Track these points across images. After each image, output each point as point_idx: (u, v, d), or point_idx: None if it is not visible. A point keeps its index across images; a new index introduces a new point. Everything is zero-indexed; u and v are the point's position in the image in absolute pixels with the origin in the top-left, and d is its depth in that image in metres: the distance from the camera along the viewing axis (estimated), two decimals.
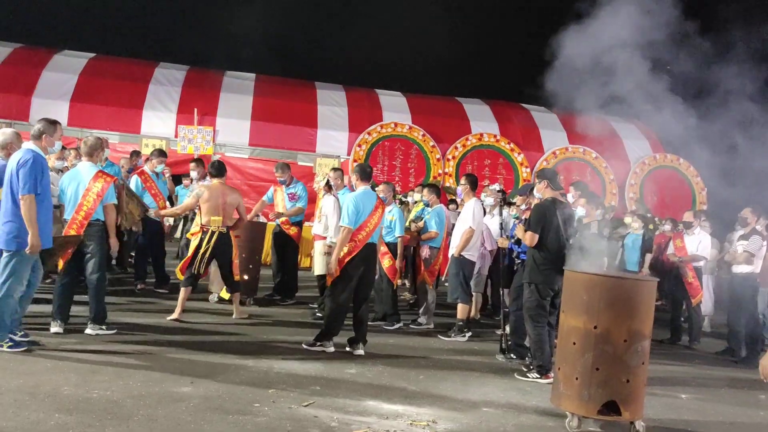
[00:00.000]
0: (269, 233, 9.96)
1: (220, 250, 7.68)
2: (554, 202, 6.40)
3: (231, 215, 7.83)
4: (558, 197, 6.51)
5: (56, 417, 4.20)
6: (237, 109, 14.72)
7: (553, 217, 6.28)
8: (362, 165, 7.26)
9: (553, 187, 6.53)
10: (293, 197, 9.44)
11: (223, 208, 7.72)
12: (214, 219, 7.65)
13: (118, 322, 6.94)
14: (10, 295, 5.58)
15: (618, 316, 4.76)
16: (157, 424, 4.24)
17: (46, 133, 5.82)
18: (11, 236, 5.58)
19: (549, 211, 6.32)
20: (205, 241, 7.59)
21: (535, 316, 6.27)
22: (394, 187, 8.92)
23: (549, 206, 6.37)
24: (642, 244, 9.65)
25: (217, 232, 7.64)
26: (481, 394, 5.67)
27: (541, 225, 6.28)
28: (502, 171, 15.49)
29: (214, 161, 8.55)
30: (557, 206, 6.37)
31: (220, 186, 7.88)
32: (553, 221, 6.27)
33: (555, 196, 6.49)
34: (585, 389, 4.78)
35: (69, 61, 14.79)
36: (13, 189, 5.58)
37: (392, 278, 8.34)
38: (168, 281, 9.38)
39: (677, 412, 5.78)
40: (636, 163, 16.24)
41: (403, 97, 16.51)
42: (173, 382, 5.15)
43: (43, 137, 5.80)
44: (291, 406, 4.86)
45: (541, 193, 6.60)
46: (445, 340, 7.86)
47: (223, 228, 7.68)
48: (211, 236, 7.62)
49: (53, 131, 5.92)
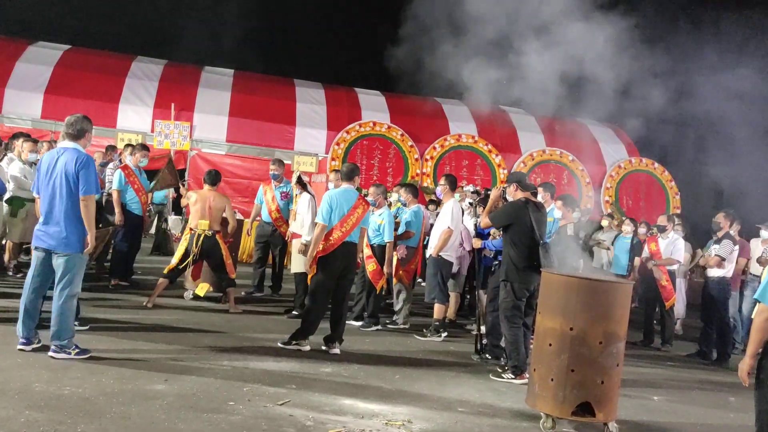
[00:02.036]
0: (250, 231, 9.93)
1: (209, 252, 8.06)
2: (527, 202, 6.46)
3: (218, 219, 8.18)
4: (530, 197, 6.57)
5: (26, 414, 4.13)
6: (215, 104, 14.62)
7: (525, 217, 6.33)
8: (349, 165, 7.16)
9: (522, 188, 6.61)
10: (285, 196, 9.39)
11: (210, 213, 8.07)
12: (201, 222, 8.03)
13: (92, 318, 6.83)
14: (73, 297, 5.47)
15: (594, 318, 4.81)
16: (130, 422, 4.18)
17: (88, 131, 5.69)
18: (74, 238, 5.43)
19: (521, 211, 6.39)
20: (194, 244, 7.96)
21: (510, 316, 6.30)
22: (386, 190, 8.74)
23: (521, 206, 6.44)
24: (631, 248, 9.73)
25: (203, 235, 7.98)
26: (456, 394, 5.69)
27: (506, 221, 6.42)
28: (480, 172, 15.56)
29: (210, 171, 8.63)
30: (529, 206, 6.42)
31: (209, 192, 8.26)
32: (525, 221, 6.33)
33: (526, 196, 6.55)
34: (560, 390, 4.81)
35: (44, 52, 14.56)
36: (65, 190, 5.40)
37: (375, 283, 8.14)
38: (132, 275, 9.30)
39: (650, 414, 5.85)
40: (612, 166, 16.42)
41: (382, 97, 16.51)
42: (147, 380, 5.09)
43: (85, 135, 5.66)
44: (266, 404, 4.83)
45: (512, 196, 6.68)
46: (421, 340, 7.87)
47: (209, 231, 8.02)
48: (198, 239, 7.97)
49: (92, 129, 5.80)
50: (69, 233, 5.41)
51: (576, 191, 15.61)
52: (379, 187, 8.51)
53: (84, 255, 5.54)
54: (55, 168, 5.45)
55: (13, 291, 7.18)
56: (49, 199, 5.46)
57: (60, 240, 5.41)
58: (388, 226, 8.21)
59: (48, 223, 5.45)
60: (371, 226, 8.09)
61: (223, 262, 8.12)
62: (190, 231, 8.13)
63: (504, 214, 6.52)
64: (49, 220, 5.45)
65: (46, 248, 5.46)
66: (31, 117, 13.52)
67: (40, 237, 5.48)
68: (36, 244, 5.53)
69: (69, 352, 5.42)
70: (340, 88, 16.42)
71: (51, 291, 5.59)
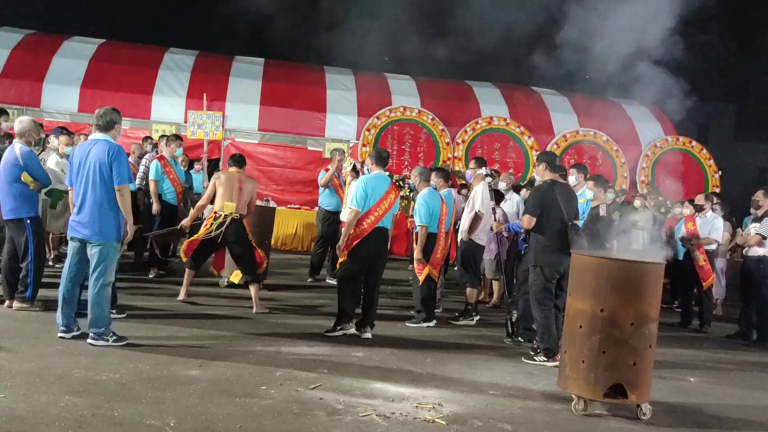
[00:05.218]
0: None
1: (233, 237, 7.47)
2: (553, 184, 6.38)
3: (245, 203, 7.67)
4: (557, 179, 6.48)
5: (66, 399, 4.26)
6: (246, 94, 14.71)
7: (552, 200, 6.25)
8: (379, 150, 7.23)
9: (551, 169, 6.51)
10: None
11: (239, 196, 7.57)
12: (227, 204, 7.47)
13: (129, 305, 7.00)
14: (107, 286, 5.61)
15: (625, 299, 4.75)
16: (165, 407, 4.28)
17: (118, 123, 5.81)
18: (108, 228, 5.57)
19: (547, 194, 6.31)
20: (215, 227, 7.40)
21: (541, 299, 6.26)
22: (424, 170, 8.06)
23: (547, 188, 6.35)
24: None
25: (230, 218, 7.45)
26: (487, 377, 5.68)
27: (539, 208, 6.27)
28: (512, 155, 15.40)
29: (234, 154, 8.36)
30: (556, 188, 6.35)
31: (237, 173, 7.78)
32: (553, 203, 6.25)
33: (554, 177, 6.47)
34: (591, 372, 4.77)
35: (79, 47, 14.82)
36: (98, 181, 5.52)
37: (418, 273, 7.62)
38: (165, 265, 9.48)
39: (685, 395, 5.77)
40: (648, 146, 16.09)
41: (413, 81, 16.42)
42: (182, 365, 5.20)
43: (115, 127, 5.78)
44: (297, 388, 4.89)
45: (540, 176, 6.59)
46: (453, 324, 7.87)
47: (236, 214, 7.48)
48: (223, 222, 7.42)
49: (121, 121, 5.91)
50: (102, 223, 5.54)
51: (611, 172, 15.36)
52: (417, 169, 8.12)
53: (118, 244, 5.67)
54: (87, 160, 5.58)
55: (54, 281, 7.36)
56: (82, 190, 5.59)
57: (93, 230, 5.55)
58: (419, 208, 7.73)
59: (81, 214, 5.58)
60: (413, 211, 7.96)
61: (249, 252, 7.56)
62: (214, 214, 7.54)
63: (536, 202, 6.37)
64: (82, 210, 5.58)
65: (80, 238, 5.60)
66: (68, 111, 13.79)
67: (75, 227, 5.63)
68: (71, 234, 5.68)
69: (107, 339, 5.56)
70: (370, 73, 16.38)
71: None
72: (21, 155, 6.48)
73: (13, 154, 6.51)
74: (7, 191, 6.51)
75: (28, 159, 6.55)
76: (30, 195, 6.60)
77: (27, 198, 6.57)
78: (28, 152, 6.59)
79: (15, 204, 6.51)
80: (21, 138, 6.63)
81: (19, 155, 6.48)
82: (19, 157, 6.48)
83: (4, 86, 13.63)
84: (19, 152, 6.49)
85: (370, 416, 4.44)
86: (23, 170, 6.48)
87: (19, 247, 6.58)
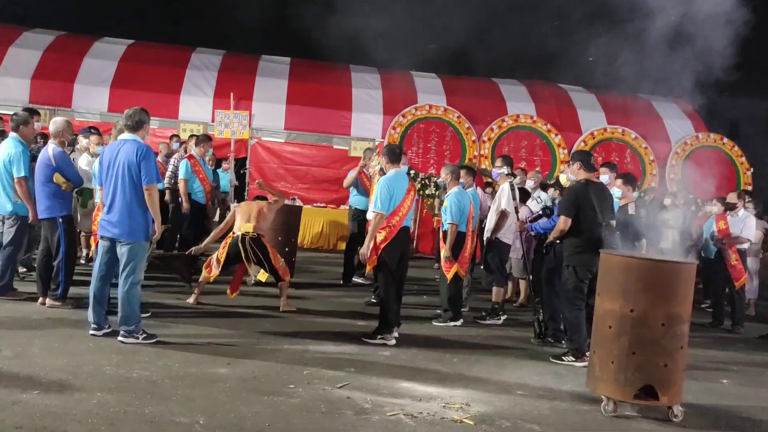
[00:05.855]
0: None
1: (254, 255, 7.42)
2: (587, 184, 6.30)
3: (265, 225, 7.68)
4: (591, 177, 6.40)
5: (98, 396, 4.32)
6: (272, 93, 14.78)
7: (587, 200, 6.18)
8: (391, 146, 7.06)
9: (586, 168, 6.42)
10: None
11: (258, 216, 7.56)
12: (244, 225, 7.49)
13: (158, 303, 7.09)
14: (136, 284, 5.69)
15: (655, 299, 4.69)
16: (194, 404, 4.33)
17: (146, 122, 5.89)
18: (137, 227, 5.65)
19: (582, 194, 6.23)
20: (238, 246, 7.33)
21: (572, 298, 6.20)
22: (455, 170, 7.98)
23: (581, 188, 6.28)
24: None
25: (248, 238, 7.40)
26: (515, 378, 5.65)
27: (574, 208, 6.19)
28: (539, 152, 15.26)
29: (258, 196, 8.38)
30: (590, 187, 6.27)
31: (258, 202, 7.83)
32: (587, 203, 6.17)
33: (589, 176, 6.38)
34: (621, 373, 4.72)
35: (108, 48, 15.01)
36: (127, 181, 5.60)
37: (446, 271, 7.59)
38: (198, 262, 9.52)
39: (718, 397, 5.67)
40: (677, 143, 15.84)
41: (438, 79, 16.36)
42: (210, 364, 5.25)
43: (143, 127, 5.86)
44: (325, 387, 4.91)
45: (575, 175, 6.50)
46: (480, 324, 7.83)
47: (253, 234, 7.45)
48: (242, 241, 7.36)
49: (149, 121, 5.98)
50: (131, 222, 5.63)
51: (639, 170, 15.15)
52: (448, 167, 8.03)
53: (147, 243, 5.74)
54: (117, 159, 5.66)
55: (85, 279, 7.48)
56: (111, 189, 5.68)
57: (123, 229, 5.63)
58: (451, 207, 7.60)
59: (111, 213, 5.66)
60: (442, 209, 7.84)
61: (273, 265, 7.48)
62: (233, 234, 7.52)
63: (570, 203, 6.25)
64: (111, 210, 5.67)
65: (110, 237, 5.68)
66: (98, 111, 13.98)
67: (104, 227, 5.71)
68: (101, 233, 5.77)
69: (137, 336, 5.64)
70: (395, 71, 16.35)
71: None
72: (53, 156, 6.61)
73: (46, 154, 6.64)
74: (41, 191, 6.64)
75: (61, 160, 6.67)
76: (63, 194, 6.73)
77: (60, 197, 6.70)
78: (61, 153, 6.71)
79: (49, 203, 6.64)
80: (55, 138, 6.76)
81: (52, 156, 6.60)
82: (52, 158, 6.60)
83: (36, 87, 13.86)
84: (51, 153, 6.62)
85: (398, 416, 4.44)
86: (55, 171, 6.60)
87: (52, 246, 6.70)
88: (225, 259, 7.42)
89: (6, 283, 6.93)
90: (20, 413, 3.93)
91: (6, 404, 4.05)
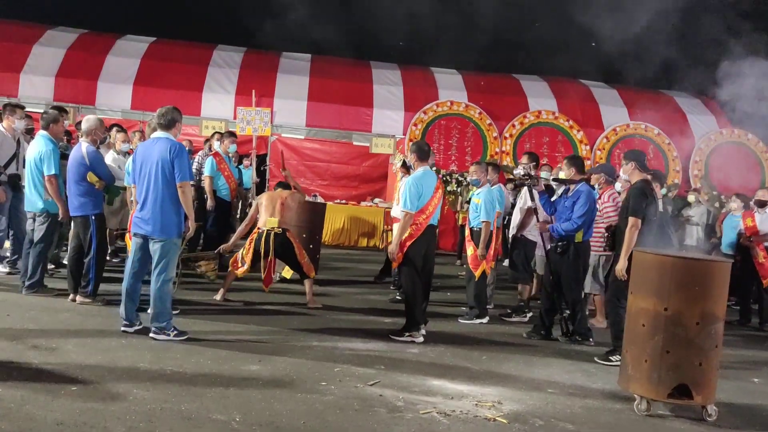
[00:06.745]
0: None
1: (280, 250, 7.49)
2: (647, 183, 6.15)
3: (290, 218, 7.70)
4: (648, 179, 6.22)
5: (134, 392, 4.36)
6: (294, 90, 14.81)
7: (652, 200, 6.02)
8: (419, 143, 7.01)
9: (641, 168, 6.19)
10: None
11: (282, 210, 7.58)
12: (269, 219, 7.49)
13: (186, 300, 7.14)
14: (168, 281, 5.76)
15: (690, 298, 4.65)
16: (229, 401, 4.36)
17: (178, 121, 5.92)
18: (169, 224, 5.70)
19: (650, 194, 6.05)
20: (263, 243, 7.36)
21: (620, 298, 6.07)
22: (488, 168, 7.97)
23: (646, 188, 6.06)
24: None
25: (273, 233, 7.43)
26: (545, 375, 5.63)
27: (646, 208, 5.94)
28: (561, 149, 15.17)
29: (280, 182, 8.33)
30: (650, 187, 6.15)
31: (280, 192, 7.82)
32: (651, 204, 5.99)
33: (644, 177, 6.17)
34: (655, 372, 4.69)
35: (131, 45, 15.12)
36: (160, 178, 5.65)
37: (474, 269, 7.55)
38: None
39: (751, 397, 5.63)
40: (701, 139, 15.68)
41: (459, 75, 16.31)
42: (242, 361, 5.28)
43: (176, 125, 5.89)
44: (357, 384, 4.92)
45: (629, 175, 6.30)
46: (506, 321, 7.81)
47: (279, 229, 7.47)
48: (267, 237, 7.40)
49: (181, 119, 6.01)
50: (164, 220, 5.67)
51: (662, 166, 15.02)
52: (480, 164, 7.98)
53: (179, 240, 5.79)
54: (150, 157, 5.70)
55: (114, 276, 7.57)
56: (144, 187, 5.72)
57: (155, 226, 5.68)
58: (485, 205, 7.53)
59: (144, 210, 5.71)
60: (471, 207, 7.82)
61: (298, 261, 7.56)
62: (258, 230, 7.53)
63: (641, 203, 5.95)
64: (144, 207, 5.72)
65: (143, 234, 5.73)
66: (121, 108, 14.11)
67: (138, 224, 5.76)
68: (134, 230, 5.83)
69: (168, 333, 5.68)
70: (416, 68, 16.32)
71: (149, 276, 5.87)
72: (87, 155, 6.67)
73: (79, 153, 6.70)
74: (74, 189, 6.71)
75: (94, 159, 6.74)
76: (96, 193, 6.80)
77: (93, 196, 6.77)
78: (94, 152, 6.78)
79: (82, 201, 6.71)
80: (87, 136, 6.83)
81: (85, 154, 6.67)
82: (85, 156, 6.66)
83: (60, 85, 14.00)
84: (85, 152, 6.68)
85: (431, 414, 4.44)
86: (89, 170, 6.67)
87: (84, 244, 6.77)
88: (253, 256, 7.44)
89: (37, 279, 7.02)
90: (60, 409, 3.98)
91: (46, 400, 4.10)
